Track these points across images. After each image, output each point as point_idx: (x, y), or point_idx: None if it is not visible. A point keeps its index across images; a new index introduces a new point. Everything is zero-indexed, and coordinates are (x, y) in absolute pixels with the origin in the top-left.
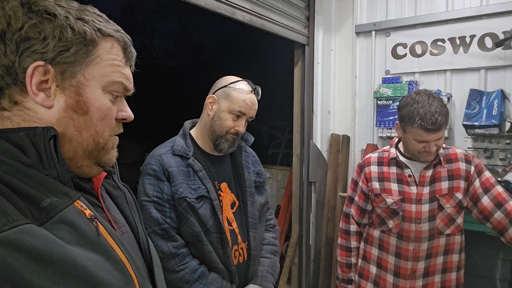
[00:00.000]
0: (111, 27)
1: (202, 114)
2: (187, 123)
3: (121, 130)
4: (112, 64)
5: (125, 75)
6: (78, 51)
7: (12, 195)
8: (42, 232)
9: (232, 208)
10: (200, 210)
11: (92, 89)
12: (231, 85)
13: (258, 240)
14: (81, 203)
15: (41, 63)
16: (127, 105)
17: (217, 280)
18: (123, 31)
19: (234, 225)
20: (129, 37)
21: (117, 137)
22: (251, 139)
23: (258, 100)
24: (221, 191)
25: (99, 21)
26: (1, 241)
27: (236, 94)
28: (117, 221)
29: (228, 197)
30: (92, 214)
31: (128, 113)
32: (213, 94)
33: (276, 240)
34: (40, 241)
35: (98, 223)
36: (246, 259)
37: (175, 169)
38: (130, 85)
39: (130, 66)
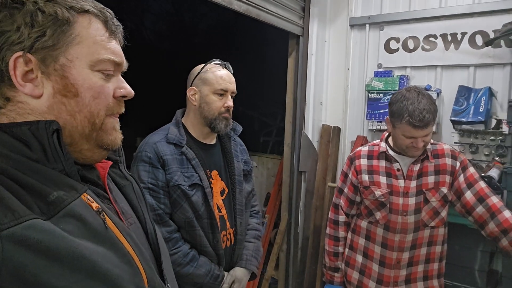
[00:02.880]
0: (85, 2)
1: (187, 106)
2: (179, 112)
3: (122, 110)
4: (94, 41)
5: (112, 50)
6: (53, 33)
7: (19, 190)
8: (49, 226)
9: (221, 195)
10: (193, 197)
11: (78, 69)
12: (203, 70)
13: (244, 226)
14: (88, 196)
15: (19, 53)
16: (124, 81)
17: (206, 263)
18: (101, 5)
19: (223, 211)
20: (109, 10)
21: (117, 118)
22: (240, 128)
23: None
24: (212, 179)
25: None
26: (8, 237)
27: (211, 75)
28: (124, 212)
29: (218, 184)
30: (99, 207)
31: (127, 89)
32: (191, 86)
33: (259, 226)
34: (47, 236)
35: (105, 215)
36: (232, 243)
37: (169, 157)
38: (120, 59)
39: (117, 40)
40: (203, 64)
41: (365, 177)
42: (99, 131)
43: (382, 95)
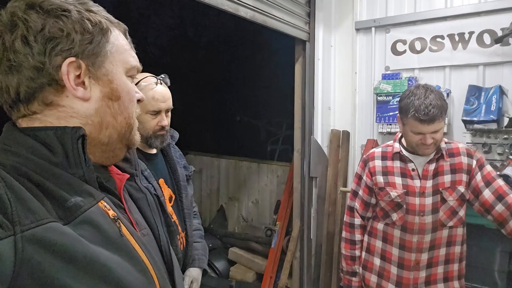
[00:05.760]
0: (109, 15)
1: None
2: None
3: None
4: (125, 49)
5: (135, 57)
6: (100, 41)
7: (39, 194)
8: (67, 230)
9: (170, 202)
10: None
11: (119, 75)
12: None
13: (192, 228)
14: (105, 204)
15: (73, 59)
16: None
17: None
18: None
19: (174, 217)
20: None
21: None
22: (177, 135)
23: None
24: (160, 187)
25: (102, 11)
26: (28, 238)
27: (144, 94)
28: (138, 223)
29: (166, 192)
30: (115, 215)
31: (141, 94)
32: None
33: (201, 225)
34: (66, 239)
35: (121, 223)
36: (185, 246)
37: None
38: (140, 66)
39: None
40: (136, 80)
41: (380, 178)
42: (131, 132)
43: (391, 97)
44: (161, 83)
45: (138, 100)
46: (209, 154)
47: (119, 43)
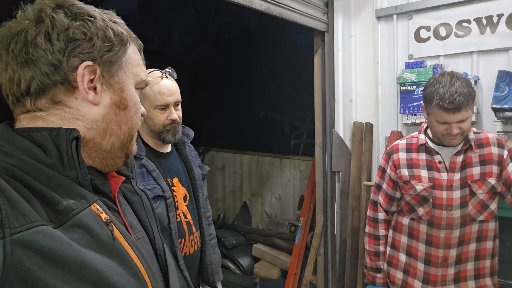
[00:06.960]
0: (129, 29)
1: None
2: None
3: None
4: (138, 63)
5: (146, 73)
6: (118, 51)
7: (30, 196)
8: (58, 234)
9: (184, 201)
10: (157, 209)
11: (129, 86)
12: None
13: (208, 227)
14: (98, 206)
15: (90, 63)
16: None
17: None
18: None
19: (189, 217)
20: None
21: None
22: (192, 133)
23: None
24: (174, 186)
25: (124, 24)
26: (17, 241)
27: (149, 90)
28: (133, 226)
29: (180, 191)
30: (108, 217)
31: (143, 108)
32: None
33: (214, 232)
34: (56, 243)
35: (114, 227)
36: (200, 246)
37: None
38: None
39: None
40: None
41: (405, 172)
42: (131, 142)
43: (415, 87)
44: (166, 77)
45: (142, 115)
46: (232, 150)
47: (134, 57)
